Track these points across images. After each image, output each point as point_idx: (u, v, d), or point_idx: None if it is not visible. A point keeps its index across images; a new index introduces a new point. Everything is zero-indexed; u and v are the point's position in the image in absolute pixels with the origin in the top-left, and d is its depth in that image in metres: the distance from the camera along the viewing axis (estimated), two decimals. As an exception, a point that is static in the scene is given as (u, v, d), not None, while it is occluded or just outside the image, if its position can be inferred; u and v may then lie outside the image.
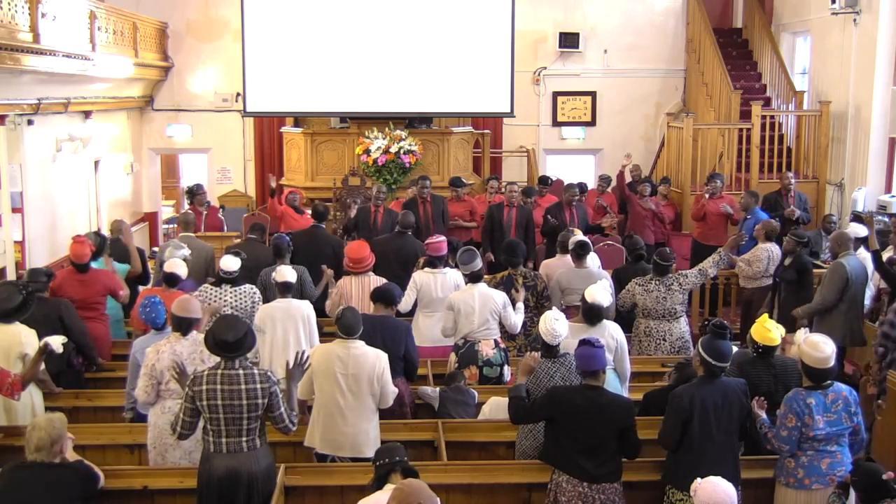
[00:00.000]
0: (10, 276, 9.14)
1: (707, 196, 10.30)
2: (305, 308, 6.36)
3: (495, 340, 6.43)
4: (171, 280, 6.59)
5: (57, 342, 5.51)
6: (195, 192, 10.50)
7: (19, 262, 9.51)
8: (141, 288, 7.87)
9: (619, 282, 7.38)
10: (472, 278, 6.51)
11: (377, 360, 5.12)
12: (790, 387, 5.16)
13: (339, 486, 4.87)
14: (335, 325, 5.23)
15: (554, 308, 5.88)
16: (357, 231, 9.39)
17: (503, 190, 10.35)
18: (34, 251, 9.75)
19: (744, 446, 5.10)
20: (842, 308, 7.13)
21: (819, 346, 4.62)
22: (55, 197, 10.48)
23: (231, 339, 4.41)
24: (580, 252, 7.19)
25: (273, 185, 10.70)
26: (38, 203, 9.97)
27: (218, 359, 4.55)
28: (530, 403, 4.85)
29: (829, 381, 4.66)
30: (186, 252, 7.24)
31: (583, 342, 4.70)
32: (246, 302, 6.67)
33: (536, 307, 6.94)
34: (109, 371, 6.74)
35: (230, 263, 6.61)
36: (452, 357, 6.44)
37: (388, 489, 3.76)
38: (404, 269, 7.64)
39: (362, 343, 5.16)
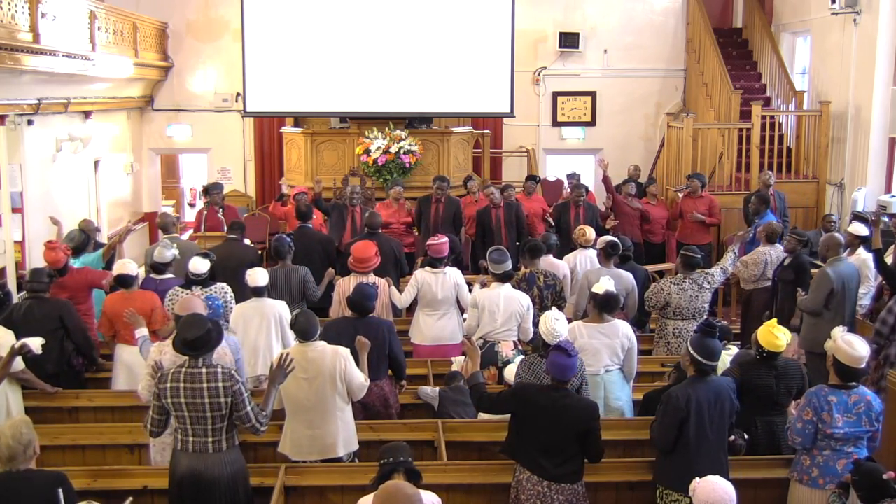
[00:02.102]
0: (10, 276, 9.14)
1: (680, 195, 10.33)
2: (279, 307, 6.37)
3: (514, 342, 6.44)
4: (122, 281, 6.58)
5: (36, 343, 5.50)
6: (210, 191, 10.51)
7: (19, 262, 9.51)
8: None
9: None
10: (502, 278, 6.50)
11: (336, 357, 5.04)
12: (791, 388, 5.17)
13: (340, 486, 4.88)
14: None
15: (553, 308, 5.89)
16: (329, 223, 9.40)
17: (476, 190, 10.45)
18: (34, 251, 9.73)
19: (746, 447, 5.11)
20: (826, 316, 7.09)
21: (855, 345, 4.60)
22: (55, 197, 10.48)
23: (190, 338, 4.40)
24: (610, 252, 7.20)
25: (286, 191, 10.62)
26: (38, 203, 9.96)
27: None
28: (497, 395, 4.86)
29: (854, 383, 4.65)
30: (175, 252, 7.22)
31: (557, 348, 4.64)
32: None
33: (556, 307, 6.93)
34: (109, 371, 6.73)
35: (198, 266, 6.56)
36: None
37: None
38: (383, 267, 7.65)
39: (321, 343, 5.11)
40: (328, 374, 5.00)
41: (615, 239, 7.45)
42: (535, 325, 6.26)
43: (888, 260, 7.58)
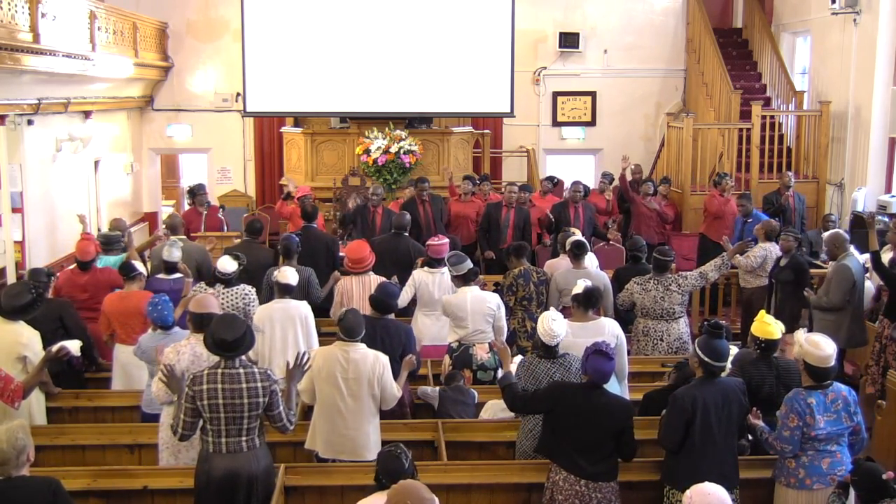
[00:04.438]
0: (10, 276, 9.14)
1: (727, 195, 10.30)
2: (304, 309, 6.36)
3: (489, 344, 6.43)
4: (124, 269, 6.65)
5: (74, 346, 5.51)
6: (195, 192, 10.50)
7: (19, 262, 9.51)
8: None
9: (620, 282, 7.39)
10: (464, 280, 6.51)
11: (376, 361, 5.11)
12: (791, 388, 5.17)
13: (340, 486, 4.87)
14: (337, 327, 5.22)
15: (552, 308, 5.90)
16: (354, 228, 9.41)
17: (471, 189, 10.46)
18: (34, 251, 9.75)
19: (750, 448, 5.12)
20: (845, 310, 7.11)
21: (820, 345, 4.63)
22: (55, 197, 10.48)
23: (230, 339, 4.40)
24: (577, 252, 7.23)
25: (292, 189, 10.44)
26: (38, 203, 9.96)
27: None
28: (531, 394, 4.87)
29: (829, 381, 4.67)
30: (178, 253, 7.25)
31: (598, 352, 4.63)
32: (237, 302, 6.65)
33: (550, 305, 6.97)
34: (109, 371, 6.73)
35: (227, 265, 6.61)
36: (447, 359, 6.44)
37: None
38: (401, 269, 7.65)
39: (363, 345, 5.16)
40: (367, 378, 5.06)
41: (581, 239, 7.47)
42: (533, 319, 6.30)
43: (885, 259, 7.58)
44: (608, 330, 5.76)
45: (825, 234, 7.67)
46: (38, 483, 3.84)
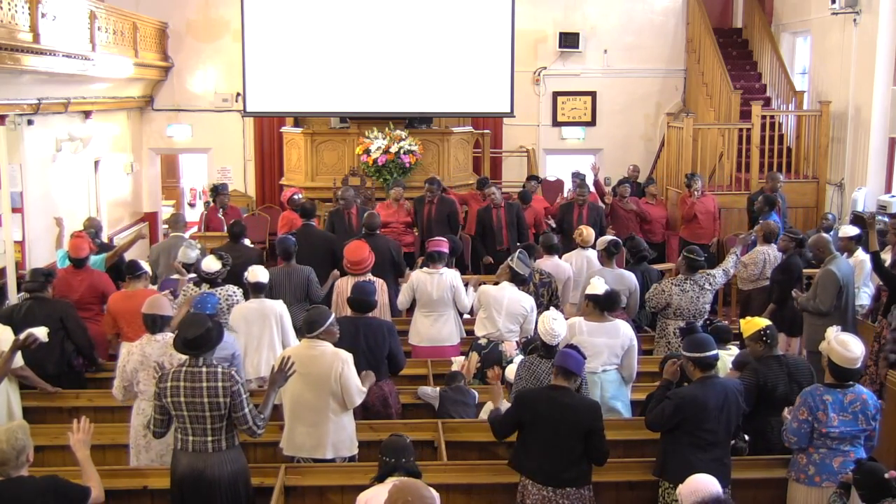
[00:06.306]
0: (10, 276, 9.14)
1: (695, 197, 10.37)
2: (279, 307, 6.38)
3: (517, 342, 6.44)
4: (130, 268, 6.71)
5: (42, 332, 5.52)
6: (219, 192, 10.52)
7: (19, 262, 9.50)
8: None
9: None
10: (514, 277, 6.46)
11: (335, 359, 5.02)
12: (803, 385, 5.16)
13: (340, 486, 4.88)
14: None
15: (552, 308, 5.90)
16: (334, 234, 9.41)
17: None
18: (34, 251, 9.75)
19: (748, 448, 5.12)
20: (833, 315, 7.08)
21: (849, 346, 4.61)
22: (55, 197, 10.48)
23: (190, 337, 4.41)
24: (612, 252, 7.24)
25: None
26: (38, 203, 9.96)
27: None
28: (504, 414, 4.86)
29: (850, 382, 4.65)
30: (198, 251, 7.29)
31: (570, 346, 4.72)
32: (221, 303, 6.64)
33: (550, 305, 6.96)
34: (109, 371, 6.73)
35: (211, 265, 6.62)
36: (474, 357, 6.41)
37: (390, 482, 3.78)
38: (381, 268, 7.66)
39: (325, 343, 5.08)
40: (325, 375, 5.00)
41: (617, 239, 7.48)
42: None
43: (886, 259, 7.57)
44: (623, 332, 5.81)
45: (810, 240, 7.67)
46: (39, 483, 3.83)
